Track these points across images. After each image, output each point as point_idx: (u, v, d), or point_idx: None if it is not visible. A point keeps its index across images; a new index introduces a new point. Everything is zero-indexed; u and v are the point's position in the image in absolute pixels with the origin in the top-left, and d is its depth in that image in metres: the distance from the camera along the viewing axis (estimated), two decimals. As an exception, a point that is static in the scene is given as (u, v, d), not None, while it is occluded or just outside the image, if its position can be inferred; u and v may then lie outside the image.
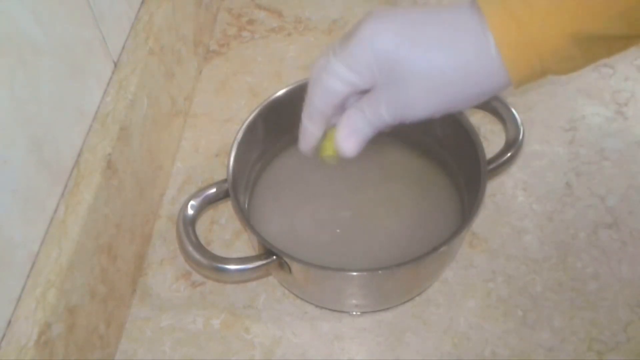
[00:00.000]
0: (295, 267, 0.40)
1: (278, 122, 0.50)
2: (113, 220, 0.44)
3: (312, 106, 0.36)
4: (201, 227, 0.52)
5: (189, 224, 0.42)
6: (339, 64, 0.34)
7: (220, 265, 0.40)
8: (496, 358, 0.44)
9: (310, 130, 0.38)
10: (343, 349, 0.45)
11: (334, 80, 0.34)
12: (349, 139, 0.36)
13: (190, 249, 0.41)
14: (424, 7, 0.68)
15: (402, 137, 0.51)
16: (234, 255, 0.49)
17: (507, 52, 0.32)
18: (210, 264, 0.40)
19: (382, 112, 0.34)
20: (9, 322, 0.36)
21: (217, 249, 0.50)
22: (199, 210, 0.43)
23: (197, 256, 0.41)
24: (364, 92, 0.35)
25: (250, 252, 0.50)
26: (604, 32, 0.31)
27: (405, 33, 0.32)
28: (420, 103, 0.33)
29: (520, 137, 0.46)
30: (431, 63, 0.32)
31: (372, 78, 0.34)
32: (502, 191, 0.53)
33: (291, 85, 0.49)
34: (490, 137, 0.54)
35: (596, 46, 0.32)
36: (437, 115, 0.34)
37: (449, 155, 0.49)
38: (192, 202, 0.43)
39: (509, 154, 0.45)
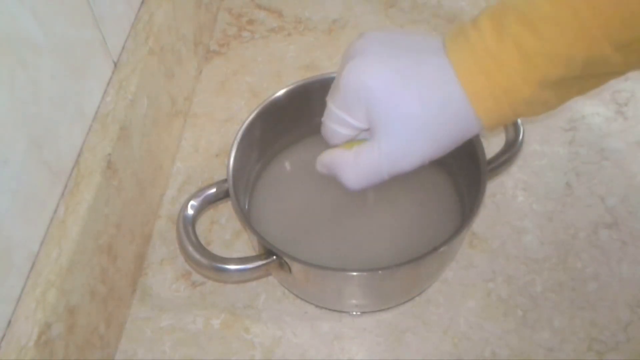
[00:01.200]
0: (295, 267, 0.40)
1: (278, 122, 0.50)
2: (113, 220, 0.44)
3: (329, 143, 0.39)
4: (201, 227, 0.52)
5: (189, 224, 0.42)
6: (336, 109, 0.36)
7: (220, 265, 0.40)
8: (496, 358, 0.44)
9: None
10: (343, 349, 0.45)
11: (335, 125, 0.37)
12: (321, 167, 0.40)
13: (190, 249, 0.41)
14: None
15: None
16: (234, 255, 0.49)
17: (478, 103, 0.33)
18: (210, 264, 0.40)
19: (381, 168, 0.36)
20: (9, 322, 0.36)
21: (217, 249, 0.50)
22: (199, 210, 0.43)
23: (197, 256, 0.41)
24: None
25: (250, 252, 0.50)
26: (569, 76, 0.32)
27: (393, 81, 0.34)
28: (413, 151, 0.35)
29: (520, 137, 0.46)
30: (419, 110, 0.34)
31: (367, 120, 0.36)
32: (502, 191, 0.53)
33: (291, 85, 0.49)
34: (490, 137, 0.54)
35: (566, 88, 0.33)
36: (427, 161, 0.36)
37: (448, 155, 0.49)
38: (192, 202, 0.43)
39: (509, 154, 0.46)
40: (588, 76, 0.32)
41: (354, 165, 0.37)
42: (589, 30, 0.30)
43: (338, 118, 0.36)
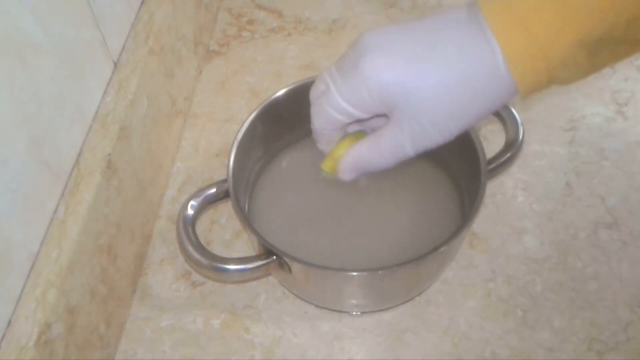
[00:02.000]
0: (295, 267, 0.40)
1: (278, 122, 0.50)
2: (113, 220, 0.44)
3: (315, 129, 0.37)
4: (201, 227, 0.52)
5: (189, 224, 0.42)
6: (340, 99, 0.34)
7: (220, 265, 0.40)
8: (496, 358, 0.44)
9: (319, 146, 0.39)
10: (343, 349, 0.45)
11: (334, 111, 0.34)
12: (350, 173, 0.37)
13: (190, 249, 0.41)
14: (423, 13, 0.68)
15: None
16: (234, 255, 0.49)
17: (515, 64, 0.31)
18: (210, 264, 0.40)
19: (406, 147, 0.34)
20: (9, 322, 0.36)
21: (217, 249, 0.50)
22: (199, 210, 0.43)
23: (197, 256, 0.41)
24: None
25: (250, 252, 0.50)
26: (610, 36, 0.30)
27: (409, 66, 0.32)
28: (437, 129, 0.33)
29: (520, 137, 0.46)
30: (440, 90, 0.32)
31: (373, 113, 0.34)
32: (502, 191, 0.53)
33: (291, 85, 0.49)
34: (490, 137, 0.54)
35: (602, 51, 0.32)
36: (453, 136, 0.34)
37: (448, 155, 0.49)
38: (192, 202, 0.43)
39: (509, 154, 0.46)
40: (629, 39, 0.31)
41: (380, 149, 0.35)
42: None
43: (342, 108, 0.34)
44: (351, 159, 0.37)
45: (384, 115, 0.35)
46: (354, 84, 0.33)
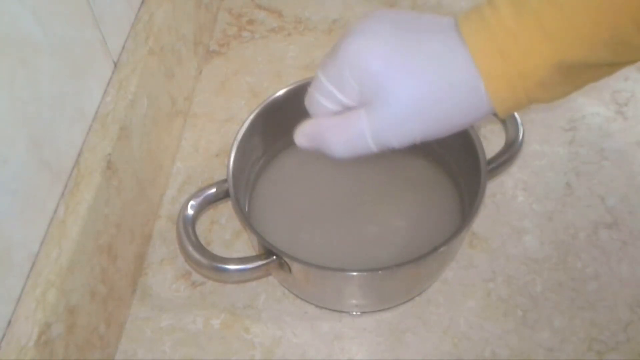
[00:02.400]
0: (295, 267, 0.40)
1: (278, 122, 0.50)
2: (113, 220, 0.44)
3: (310, 113, 0.37)
4: (201, 227, 0.52)
5: (189, 224, 0.42)
6: (325, 80, 0.34)
7: (220, 265, 0.40)
8: (496, 358, 0.44)
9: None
10: (343, 349, 0.45)
11: (320, 96, 0.34)
12: (306, 141, 0.37)
13: (190, 249, 0.41)
14: (417, 17, 0.68)
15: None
16: (234, 255, 0.49)
17: (492, 85, 0.31)
18: (210, 264, 0.40)
19: (365, 135, 0.33)
20: (9, 322, 0.36)
21: (217, 249, 0.50)
22: (199, 210, 0.43)
23: (197, 256, 0.41)
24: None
25: (250, 252, 0.50)
26: (588, 60, 0.31)
27: (392, 57, 0.32)
28: (403, 126, 0.33)
29: (520, 137, 0.46)
30: (416, 88, 0.32)
31: (359, 98, 0.33)
32: (502, 191, 0.53)
33: (291, 85, 0.49)
34: (490, 137, 0.54)
35: (581, 73, 0.32)
36: (419, 140, 0.34)
37: (448, 155, 0.49)
38: (192, 202, 0.43)
39: (508, 154, 0.45)
40: (606, 61, 0.31)
41: (339, 130, 0.34)
42: (613, 8, 0.29)
43: (327, 91, 0.34)
44: (310, 126, 0.36)
45: None
46: (336, 62, 0.33)
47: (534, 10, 0.30)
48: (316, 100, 0.35)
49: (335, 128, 0.35)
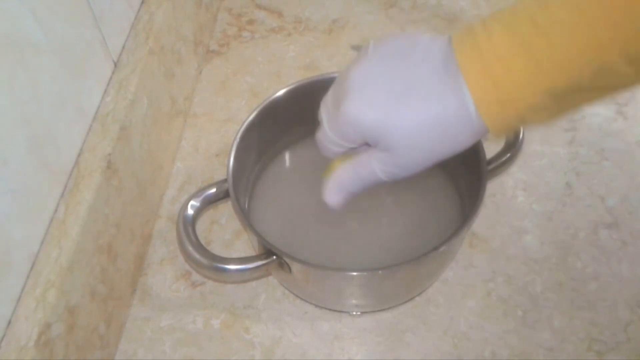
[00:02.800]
0: (295, 267, 0.40)
1: (278, 122, 0.50)
2: (113, 220, 0.44)
3: (322, 152, 0.40)
4: (201, 227, 0.52)
5: (189, 224, 0.42)
6: (331, 133, 0.37)
7: (220, 265, 0.40)
8: (496, 358, 0.44)
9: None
10: (343, 349, 0.45)
11: (328, 143, 0.38)
12: (335, 195, 0.40)
13: (190, 249, 0.41)
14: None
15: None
16: (234, 255, 0.49)
17: (485, 109, 0.33)
18: (210, 264, 0.40)
19: (377, 173, 0.37)
20: (9, 322, 0.36)
21: (217, 249, 0.50)
22: (199, 210, 0.43)
23: (197, 256, 0.41)
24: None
25: (250, 252, 0.50)
26: (577, 86, 0.32)
27: (387, 108, 0.34)
28: (409, 162, 0.36)
29: (520, 137, 0.46)
30: (413, 129, 0.34)
31: (360, 143, 0.37)
32: (502, 191, 0.53)
33: (291, 85, 0.49)
34: (491, 137, 0.54)
35: (572, 98, 0.33)
36: (426, 168, 0.37)
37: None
38: (192, 202, 0.43)
39: (509, 154, 0.45)
40: (596, 88, 0.32)
41: (356, 175, 0.38)
42: (600, 39, 0.30)
43: (334, 141, 0.37)
44: (332, 183, 0.40)
45: None
46: (340, 123, 0.36)
47: (525, 39, 0.31)
48: (326, 147, 0.38)
49: (352, 175, 0.38)
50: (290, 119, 0.50)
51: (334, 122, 0.37)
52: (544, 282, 0.47)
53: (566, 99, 0.32)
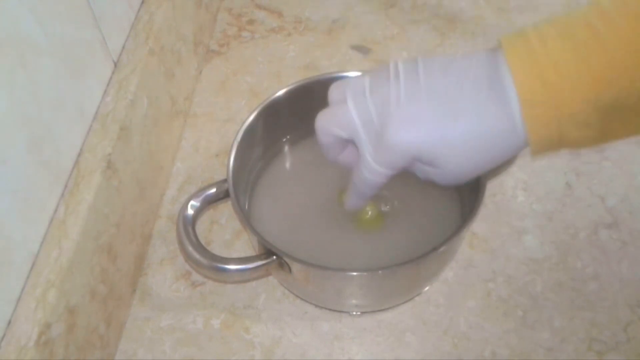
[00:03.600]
0: (295, 267, 0.40)
1: (278, 122, 0.50)
2: (113, 220, 0.44)
3: (357, 190, 0.40)
4: (201, 227, 0.52)
5: (189, 224, 0.42)
6: (379, 167, 0.37)
7: (220, 265, 0.40)
8: (496, 358, 0.44)
9: (356, 203, 0.42)
10: (343, 349, 0.45)
11: (376, 176, 0.38)
12: (356, 202, 0.42)
13: (190, 249, 0.41)
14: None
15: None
16: (234, 255, 0.49)
17: (529, 111, 0.32)
18: (210, 264, 0.40)
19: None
20: (9, 322, 0.36)
21: (217, 249, 0.50)
22: (199, 210, 0.43)
23: (197, 256, 0.41)
24: None
25: (250, 252, 0.50)
26: (623, 103, 0.31)
27: (433, 127, 0.34)
28: (457, 176, 0.37)
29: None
30: (457, 146, 0.34)
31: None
32: (502, 191, 0.53)
33: (291, 85, 0.49)
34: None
35: (614, 118, 0.32)
36: (463, 182, 0.37)
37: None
38: (192, 202, 0.43)
39: (509, 154, 0.45)
40: (637, 111, 0.32)
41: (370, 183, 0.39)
42: None
43: (376, 171, 0.37)
44: (352, 194, 0.41)
45: None
46: (387, 153, 0.36)
47: (580, 44, 0.31)
48: (364, 177, 0.38)
49: (370, 184, 0.39)
50: (290, 119, 0.50)
51: (380, 155, 0.36)
52: (544, 282, 0.47)
53: (610, 117, 0.32)
